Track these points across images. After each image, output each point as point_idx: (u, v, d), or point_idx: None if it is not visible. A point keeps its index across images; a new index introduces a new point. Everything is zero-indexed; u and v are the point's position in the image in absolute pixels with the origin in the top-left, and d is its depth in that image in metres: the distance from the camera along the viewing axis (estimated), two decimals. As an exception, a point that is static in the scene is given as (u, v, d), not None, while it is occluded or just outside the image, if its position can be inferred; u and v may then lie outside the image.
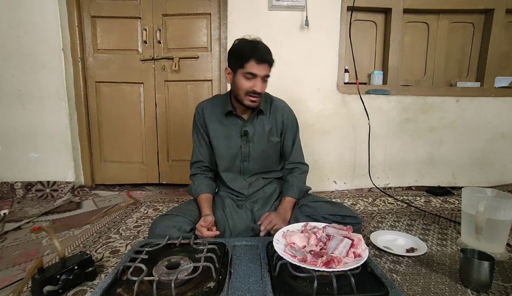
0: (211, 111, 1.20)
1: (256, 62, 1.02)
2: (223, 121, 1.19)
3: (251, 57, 1.02)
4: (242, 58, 1.04)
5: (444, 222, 1.39)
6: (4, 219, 1.45)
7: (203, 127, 1.21)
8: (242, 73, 1.05)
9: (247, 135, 1.17)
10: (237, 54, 1.06)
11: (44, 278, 0.78)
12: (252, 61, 1.02)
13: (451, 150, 1.99)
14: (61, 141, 1.87)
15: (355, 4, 1.80)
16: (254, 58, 1.02)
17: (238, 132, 1.18)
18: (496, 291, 0.83)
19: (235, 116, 1.18)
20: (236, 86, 1.08)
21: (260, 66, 1.03)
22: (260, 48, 1.04)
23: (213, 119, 1.20)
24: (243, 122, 1.18)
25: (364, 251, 0.75)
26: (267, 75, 1.07)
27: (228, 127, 1.18)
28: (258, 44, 1.05)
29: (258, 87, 1.05)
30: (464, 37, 2.05)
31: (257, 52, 1.02)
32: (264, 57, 1.03)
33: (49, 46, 1.78)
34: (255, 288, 0.71)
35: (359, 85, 1.84)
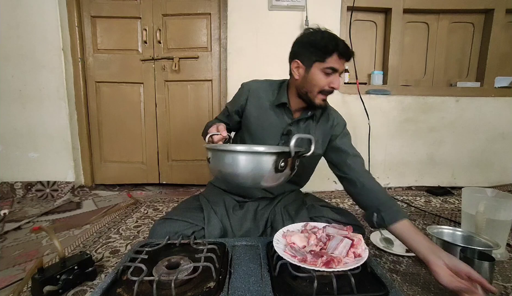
0: (256, 95, 1.09)
1: (339, 56, 0.94)
2: (268, 110, 1.07)
3: (334, 50, 0.93)
4: (323, 52, 0.94)
5: (444, 222, 1.39)
6: (4, 219, 1.45)
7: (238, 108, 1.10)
8: (321, 68, 0.95)
9: (289, 135, 1.05)
10: (315, 47, 0.95)
11: (44, 278, 0.77)
12: (335, 55, 0.94)
13: (451, 150, 1.99)
14: (61, 141, 1.87)
15: (355, 4, 1.80)
16: (337, 52, 0.93)
17: (280, 129, 1.07)
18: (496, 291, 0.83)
19: (285, 110, 1.07)
20: (309, 82, 0.98)
21: (341, 61, 0.96)
22: (341, 42, 0.95)
23: (255, 104, 1.08)
24: (290, 120, 1.07)
25: (364, 251, 0.75)
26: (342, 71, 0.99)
27: (272, 120, 1.07)
28: (337, 37, 0.97)
29: (336, 83, 0.96)
30: (464, 37, 2.05)
31: (340, 46, 0.94)
32: (346, 52, 0.95)
33: (49, 46, 1.78)
34: (255, 288, 0.71)
35: (359, 85, 1.84)
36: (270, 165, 0.71)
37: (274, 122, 1.07)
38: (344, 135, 1.13)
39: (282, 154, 0.73)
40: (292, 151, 0.73)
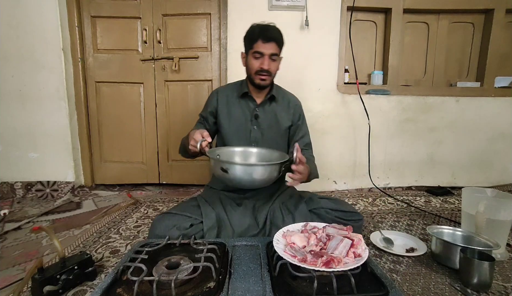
0: (224, 94, 1.26)
1: (262, 41, 1.10)
2: (236, 103, 1.24)
3: (258, 37, 1.11)
4: (251, 40, 1.13)
5: (444, 222, 1.39)
6: (4, 219, 1.45)
7: (213, 109, 1.25)
8: (251, 54, 1.14)
9: (257, 119, 1.22)
10: (247, 37, 1.15)
11: (44, 278, 0.78)
12: (259, 40, 1.11)
13: (451, 150, 1.99)
14: (61, 141, 1.87)
15: (355, 4, 1.80)
16: (261, 38, 1.10)
17: (249, 115, 1.23)
18: (496, 291, 0.83)
19: (248, 98, 1.24)
20: (248, 67, 1.18)
21: (266, 45, 1.10)
22: (267, 28, 1.11)
23: (225, 101, 1.25)
24: (255, 105, 1.23)
25: (364, 251, 0.75)
26: (275, 53, 1.13)
27: (240, 110, 1.23)
28: (267, 25, 1.13)
29: (265, 64, 1.12)
30: (464, 37, 2.05)
31: (263, 32, 1.11)
32: (270, 36, 1.10)
33: (49, 46, 1.78)
34: (255, 288, 0.71)
35: (359, 85, 1.84)
36: (277, 171, 0.94)
37: (242, 111, 1.24)
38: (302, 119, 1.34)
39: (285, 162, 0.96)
40: (295, 159, 0.94)
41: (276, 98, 1.25)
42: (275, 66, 1.18)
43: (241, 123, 1.23)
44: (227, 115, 1.24)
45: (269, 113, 1.24)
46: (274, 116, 1.25)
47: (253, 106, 1.24)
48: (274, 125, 1.24)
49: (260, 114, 1.23)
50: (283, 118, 1.26)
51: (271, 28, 1.12)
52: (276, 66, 1.18)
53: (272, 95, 1.24)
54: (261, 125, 1.23)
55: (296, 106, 1.31)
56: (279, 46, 1.14)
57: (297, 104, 1.33)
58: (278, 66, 1.20)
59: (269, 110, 1.25)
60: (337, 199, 1.21)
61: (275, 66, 1.17)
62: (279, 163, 0.94)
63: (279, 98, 1.27)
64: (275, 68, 1.18)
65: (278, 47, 1.14)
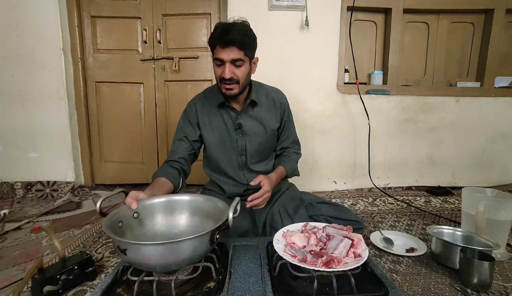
0: (203, 105, 1.16)
1: (220, 46, 0.96)
2: (216, 113, 1.13)
3: (217, 41, 0.96)
4: (210, 44, 1.00)
5: (444, 222, 1.39)
6: (4, 219, 1.45)
7: (195, 121, 1.15)
8: (213, 61, 1.01)
9: (241, 128, 1.13)
10: (209, 41, 1.01)
11: (44, 278, 0.78)
12: (217, 46, 0.97)
13: (451, 150, 1.99)
14: (61, 141, 1.87)
15: (355, 4, 1.80)
16: (218, 42, 0.96)
17: (231, 125, 1.13)
18: (496, 291, 0.83)
19: (227, 108, 1.13)
20: (214, 74, 1.05)
21: (226, 50, 0.95)
22: (226, 30, 0.94)
23: (205, 113, 1.14)
24: (236, 114, 1.13)
25: (364, 251, 0.75)
26: (237, 58, 0.97)
27: (222, 120, 1.14)
28: (230, 25, 0.96)
29: (225, 73, 0.98)
30: (464, 37, 2.05)
31: (220, 36, 0.94)
32: (228, 39, 0.93)
33: (49, 46, 1.78)
34: (255, 288, 0.71)
35: (359, 85, 1.84)
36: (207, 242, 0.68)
37: (224, 121, 1.14)
38: (288, 114, 1.24)
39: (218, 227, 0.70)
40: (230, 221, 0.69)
41: (258, 101, 1.13)
42: (242, 72, 1.01)
43: (225, 134, 1.14)
44: (209, 126, 1.14)
45: (253, 120, 1.14)
46: (259, 122, 1.15)
47: (235, 115, 1.13)
48: (260, 131, 1.15)
49: (244, 123, 1.12)
50: (269, 121, 1.16)
51: (233, 29, 0.94)
52: (243, 72, 1.01)
53: (252, 100, 1.12)
54: (247, 133, 1.14)
55: (282, 104, 1.20)
56: (242, 49, 0.97)
57: (283, 102, 1.21)
58: (247, 71, 1.04)
59: (253, 116, 1.14)
60: (339, 205, 1.16)
61: (241, 72, 1.00)
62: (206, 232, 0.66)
63: (262, 100, 1.16)
64: (243, 74, 1.01)
65: (242, 50, 0.97)
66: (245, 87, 1.08)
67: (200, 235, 0.64)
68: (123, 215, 0.79)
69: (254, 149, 1.16)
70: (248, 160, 1.17)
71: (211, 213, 0.84)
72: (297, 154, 1.28)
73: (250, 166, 1.18)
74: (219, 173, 1.20)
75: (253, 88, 1.14)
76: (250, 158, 1.17)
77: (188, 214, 0.88)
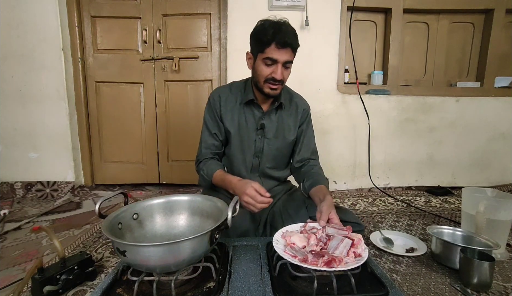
0: (228, 98, 1.12)
1: (276, 46, 0.94)
2: (240, 109, 1.11)
3: (272, 41, 0.94)
4: (262, 42, 0.96)
5: (444, 222, 1.39)
6: (4, 219, 1.45)
7: (218, 115, 1.12)
8: (261, 59, 0.98)
9: (263, 129, 1.10)
10: (258, 37, 0.97)
11: (44, 278, 0.77)
12: (273, 45, 0.94)
13: (451, 150, 1.99)
14: (61, 141, 1.87)
15: (355, 4, 1.80)
16: (275, 42, 0.94)
17: (254, 124, 1.11)
18: (496, 291, 0.83)
19: (254, 106, 1.11)
20: (256, 72, 1.02)
21: (282, 51, 0.95)
22: (283, 31, 0.94)
23: (229, 106, 1.12)
24: (261, 114, 1.11)
25: (364, 251, 0.75)
26: (289, 61, 0.99)
27: (244, 117, 1.11)
28: (282, 26, 0.95)
29: (277, 74, 0.97)
30: (464, 37, 2.05)
31: (278, 35, 0.93)
32: (285, 41, 0.94)
33: (49, 46, 1.78)
34: (255, 288, 0.71)
35: (359, 85, 1.84)
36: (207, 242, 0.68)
37: (246, 119, 1.11)
38: (308, 122, 1.20)
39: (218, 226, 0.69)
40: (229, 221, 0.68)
41: (285, 106, 1.13)
42: (288, 74, 1.03)
43: (244, 133, 1.11)
44: (231, 121, 1.11)
45: (275, 123, 1.12)
46: (280, 126, 1.13)
47: (259, 114, 1.11)
48: (280, 136, 1.13)
49: (267, 124, 1.11)
50: (290, 127, 1.14)
51: (288, 31, 0.95)
52: (289, 74, 1.04)
53: (281, 103, 1.11)
54: (266, 135, 1.11)
55: (303, 111, 1.18)
56: (294, 52, 0.99)
57: (305, 109, 1.19)
58: (290, 73, 1.05)
59: (276, 119, 1.12)
60: (339, 207, 1.15)
61: (288, 74, 1.03)
62: (205, 233, 0.66)
63: (286, 104, 1.15)
64: (288, 76, 1.04)
65: (293, 53, 0.99)
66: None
67: (199, 235, 0.64)
68: (122, 216, 0.78)
69: (271, 153, 1.13)
70: (262, 163, 1.14)
71: (210, 213, 0.83)
72: (318, 160, 1.22)
73: (265, 170, 1.15)
74: (230, 171, 1.17)
75: (282, 91, 1.11)
76: (265, 161, 1.14)
77: (187, 214, 0.88)
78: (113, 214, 0.76)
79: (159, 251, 0.62)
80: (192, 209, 0.88)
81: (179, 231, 0.85)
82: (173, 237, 0.81)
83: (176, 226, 0.87)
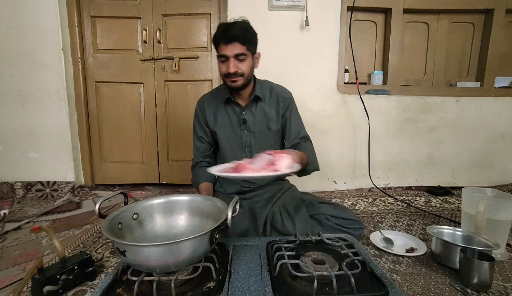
0: (210, 102, 1.22)
1: (224, 43, 1.03)
2: (223, 110, 1.19)
3: (220, 39, 1.03)
4: (215, 43, 1.07)
5: (444, 222, 1.39)
6: (4, 219, 1.45)
7: (203, 120, 1.22)
8: (218, 57, 1.08)
9: (246, 123, 1.17)
10: (213, 40, 1.08)
11: (44, 278, 0.78)
12: (222, 43, 1.03)
13: (451, 150, 1.99)
14: (61, 141, 1.87)
15: (355, 4, 1.80)
16: (222, 40, 1.03)
17: (237, 121, 1.18)
18: (496, 291, 0.83)
19: (233, 103, 1.18)
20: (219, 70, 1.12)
21: (229, 46, 1.02)
22: (230, 28, 1.02)
23: (212, 109, 1.20)
24: (240, 109, 1.18)
25: (285, 168, 0.81)
26: (240, 53, 1.04)
27: (228, 116, 1.19)
28: (231, 24, 1.04)
29: (230, 67, 1.04)
30: (464, 37, 2.05)
31: (223, 33, 1.02)
32: (230, 36, 1.01)
33: (49, 46, 1.78)
34: (255, 288, 0.71)
35: (359, 85, 1.84)
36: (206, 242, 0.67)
37: (229, 117, 1.19)
38: (291, 109, 1.23)
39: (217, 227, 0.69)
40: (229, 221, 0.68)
41: (262, 97, 1.17)
42: (246, 66, 1.07)
43: (230, 130, 1.18)
44: (215, 123, 1.19)
45: (257, 115, 1.17)
46: (263, 118, 1.18)
47: (239, 110, 1.18)
48: (264, 127, 1.18)
49: (248, 118, 1.17)
50: (273, 117, 1.19)
51: (234, 26, 1.02)
52: (247, 65, 1.07)
53: (256, 96, 1.16)
54: (251, 129, 1.17)
55: (285, 99, 1.21)
56: (245, 44, 1.03)
57: (286, 97, 1.22)
58: (250, 65, 1.09)
59: (257, 112, 1.18)
60: (339, 205, 1.17)
61: (245, 66, 1.07)
62: (205, 232, 0.66)
63: (266, 95, 1.19)
64: (246, 68, 1.07)
65: (244, 45, 1.03)
66: (249, 81, 1.12)
67: (199, 235, 0.64)
68: (122, 216, 0.78)
69: (259, 146, 1.17)
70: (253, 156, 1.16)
71: (210, 213, 0.83)
72: (312, 145, 1.21)
73: None
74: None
75: (257, 84, 1.18)
76: (255, 154, 1.15)
77: (187, 214, 0.88)
78: (113, 214, 0.76)
79: (159, 251, 0.62)
80: (192, 209, 0.88)
81: (179, 231, 0.86)
82: (173, 237, 0.81)
83: (176, 226, 0.87)
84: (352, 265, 0.75)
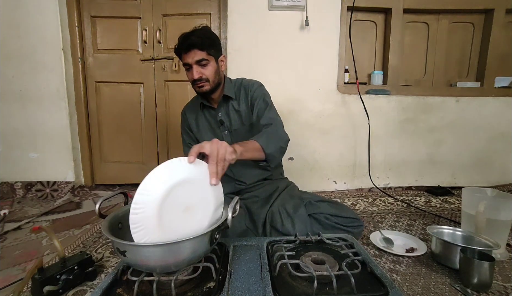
0: (191, 110, 1.28)
1: (184, 52, 1.06)
2: (201, 115, 1.24)
3: (180, 49, 1.07)
4: (178, 53, 1.10)
5: (444, 222, 1.39)
6: (4, 219, 1.45)
7: (188, 128, 1.27)
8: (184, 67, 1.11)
9: (223, 124, 1.21)
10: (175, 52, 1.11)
11: (44, 278, 0.78)
12: (182, 52, 1.07)
13: (451, 150, 1.99)
14: (61, 141, 1.87)
15: (355, 4, 1.80)
16: (182, 49, 1.06)
17: (215, 123, 1.22)
18: (496, 291, 0.82)
19: (208, 107, 1.23)
20: None
21: (189, 54, 1.06)
22: (188, 36, 1.05)
23: (193, 116, 1.26)
24: (215, 112, 1.22)
25: None
26: (201, 59, 1.06)
27: (207, 120, 1.24)
28: (189, 33, 1.06)
29: (194, 74, 1.07)
30: (464, 37, 2.05)
31: (182, 43, 1.05)
32: (188, 44, 1.04)
33: (49, 46, 1.78)
34: (255, 288, 0.71)
35: (359, 85, 1.84)
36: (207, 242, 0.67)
37: (208, 121, 1.24)
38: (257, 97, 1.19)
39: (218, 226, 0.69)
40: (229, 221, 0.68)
41: (232, 95, 1.19)
42: (209, 71, 1.09)
43: (211, 134, 1.22)
44: (198, 129, 1.25)
45: (231, 114, 1.20)
46: (236, 115, 1.20)
47: (214, 113, 1.22)
48: (239, 124, 1.20)
49: (224, 119, 1.20)
50: (246, 112, 1.19)
51: (192, 34, 1.05)
52: (210, 70, 1.09)
53: (225, 95, 1.18)
54: (229, 129, 1.21)
55: (252, 91, 1.20)
56: (204, 49, 1.05)
57: (253, 88, 1.20)
58: (215, 69, 1.11)
59: (230, 111, 1.20)
60: (338, 203, 1.16)
61: (208, 70, 1.09)
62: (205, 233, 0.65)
63: (236, 93, 1.21)
64: (210, 72, 1.09)
65: (203, 51, 1.06)
66: (217, 84, 1.15)
67: (199, 235, 0.64)
68: (122, 216, 0.78)
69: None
70: None
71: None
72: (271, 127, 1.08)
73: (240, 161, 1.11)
74: None
75: (226, 84, 1.20)
76: None
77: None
78: (113, 214, 0.76)
79: (159, 251, 0.62)
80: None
81: (179, 231, 0.85)
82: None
83: (176, 226, 0.87)
84: (352, 265, 0.75)
